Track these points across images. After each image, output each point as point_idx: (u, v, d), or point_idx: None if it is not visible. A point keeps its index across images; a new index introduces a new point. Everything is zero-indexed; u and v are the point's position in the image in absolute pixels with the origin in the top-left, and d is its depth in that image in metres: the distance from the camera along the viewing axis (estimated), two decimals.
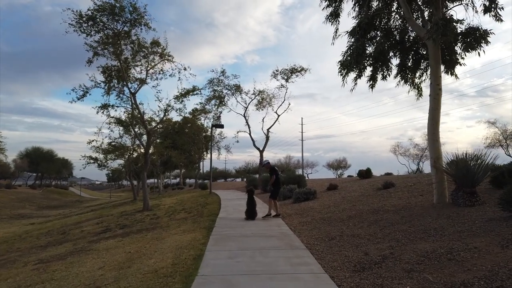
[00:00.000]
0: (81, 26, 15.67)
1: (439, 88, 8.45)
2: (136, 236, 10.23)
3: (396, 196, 10.72)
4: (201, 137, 39.60)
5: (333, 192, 14.88)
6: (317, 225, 8.81)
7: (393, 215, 8.06)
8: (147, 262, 6.46)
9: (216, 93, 28.18)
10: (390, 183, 12.76)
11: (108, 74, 18.37)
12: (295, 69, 27.04)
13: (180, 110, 18.48)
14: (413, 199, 9.64)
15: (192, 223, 10.66)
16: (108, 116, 18.51)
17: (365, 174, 18.98)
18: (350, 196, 12.68)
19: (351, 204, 10.99)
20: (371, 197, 11.56)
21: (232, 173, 74.60)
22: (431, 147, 8.49)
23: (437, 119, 8.43)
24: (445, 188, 8.21)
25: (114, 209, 24.32)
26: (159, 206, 19.36)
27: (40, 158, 71.85)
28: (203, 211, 13.74)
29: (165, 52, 18.66)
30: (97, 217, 19.63)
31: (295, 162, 66.45)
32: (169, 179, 79.72)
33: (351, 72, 9.41)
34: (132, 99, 17.96)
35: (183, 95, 18.38)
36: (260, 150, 28.23)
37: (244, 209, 10.96)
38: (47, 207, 47.79)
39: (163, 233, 9.83)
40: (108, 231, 12.56)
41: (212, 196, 20.97)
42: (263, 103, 28.91)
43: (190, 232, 9.12)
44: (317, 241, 7.12)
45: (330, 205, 11.64)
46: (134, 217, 15.78)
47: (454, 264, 4.53)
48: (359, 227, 7.73)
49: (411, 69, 10.41)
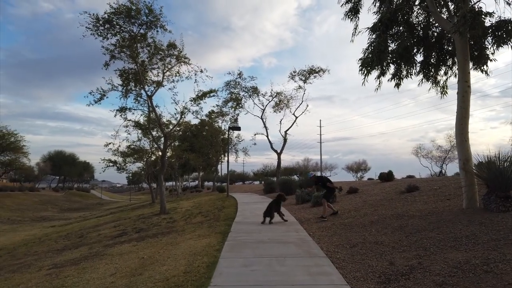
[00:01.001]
0: (97, 29, 15.72)
1: (467, 85, 7.93)
2: (151, 240, 10.02)
3: (421, 200, 10.18)
4: (218, 139, 39.55)
5: (353, 195, 14.37)
6: (337, 230, 8.40)
7: (419, 220, 7.57)
8: (160, 269, 6.20)
9: (233, 95, 28.02)
10: (414, 187, 12.19)
11: (125, 77, 18.42)
12: (313, 70, 26.62)
13: (196, 113, 18.36)
14: (440, 204, 9.10)
15: (208, 228, 10.39)
16: (126, 119, 18.53)
17: (386, 177, 18.32)
18: (371, 200, 12.17)
19: (373, 208, 10.50)
20: (394, 201, 11.03)
21: (250, 175, 74.42)
22: (459, 148, 7.96)
23: (466, 118, 7.90)
24: (475, 192, 7.67)
25: (132, 212, 24.37)
26: (176, 209, 19.22)
27: (63, 162, 73.35)
28: (219, 215, 13.47)
29: (181, 55, 18.56)
30: (115, 220, 19.64)
31: (313, 165, 65.86)
32: (188, 182, 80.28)
33: (373, 70, 8.96)
34: (148, 102, 17.91)
35: (199, 97, 18.22)
36: (278, 152, 27.88)
37: (261, 213, 10.63)
38: (69, 209, 48.64)
39: (178, 237, 9.59)
40: (124, 235, 12.43)
41: (229, 199, 20.72)
42: (281, 105, 28.58)
43: (205, 237, 8.85)
44: (337, 248, 6.72)
45: (351, 209, 11.17)
46: (151, 220, 15.65)
47: (492, 277, 4.07)
48: (382, 233, 7.28)
49: (435, 66, 9.88)
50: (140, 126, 24.12)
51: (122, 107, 18.33)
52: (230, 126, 26.25)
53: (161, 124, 18.29)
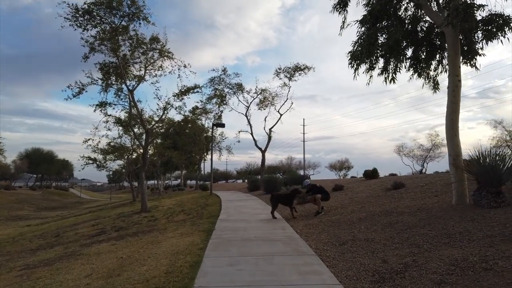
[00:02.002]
0: (77, 20, 15.07)
1: (458, 79, 7.79)
2: (131, 239, 9.58)
3: (409, 197, 10.05)
4: (202, 137, 38.98)
5: (339, 193, 14.21)
6: (325, 228, 8.15)
7: (409, 217, 7.39)
8: (139, 269, 5.80)
9: (217, 91, 27.57)
10: (400, 184, 12.08)
11: (105, 71, 17.79)
12: (298, 67, 26.41)
13: (180, 108, 17.86)
14: (428, 200, 8.97)
15: (191, 226, 10.01)
16: (106, 115, 17.88)
17: (371, 175, 18.28)
18: (358, 197, 12.01)
19: (360, 205, 10.32)
20: (381, 198, 10.88)
21: (234, 174, 73.90)
22: (450, 144, 7.81)
23: (456, 113, 7.77)
24: (465, 187, 7.54)
25: (112, 210, 23.67)
26: (158, 207, 18.71)
27: (40, 159, 71.23)
28: (203, 212, 13.09)
29: (164, 49, 18.04)
30: (94, 219, 18.97)
31: (297, 163, 65.82)
32: (170, 180, 79.15)
33: (362, 63, 8.75)
34: (130, 97, 17.33)
35: (183, 92, 17.74)
36: (262, 150, 27.60)
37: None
38: (46, 208, 47.21)
39: (160, 236, 9.18)
40: (102, 234, 11.91)
41: (213, 197, 20.31)
42: (265, 102, 28.29)
43: (188, 235, 8.47)
44: (326, 246, 6.46)
45: (338, 206, 10.97)
46: (131, 219, 15.13)
47: (492, 275, 3.86)
48: (372, 230, 7.06)
49: (425, 61, 9.74)
50: (121, 122, 23.45)
51: (102, 102, 17.68)
52: (214, 123, 25.81)
53: (143, 120, 17.73)
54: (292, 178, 19.19)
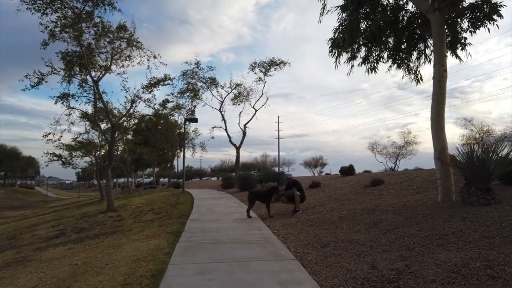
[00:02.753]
0: (34, 2, 13.83)
1: (444, 69, 7.36)
2: (90, 242, 8.68)
3: (389, 194, 9.63)
4: (174, 134, 37.80)
5: (316, 190, 13.71)
6: (304, 227, 7.56)
7: (394, 216, 6.90)
8: (93, 280, 5.00)
9: (190, 86, 26.60)
10: (379, 180, 11.71)
11: (68, 60, 16.58)
12: (274, 62, 25.84)
13: (149, 101, 16.83)
14: (410, 197, 8.54)
15: (158, 227, 9.20)
16: (68, 107, 16.63)
17: (347, 171, 17.94)
18: (336, 194, 11.53)
19: (340, 203, 9.82)
20: (361, 195, 10.43)
21: (208, 171, 72.78)
22: (435, 137, 7.37)
23: (442, 105, 7.33)
24: (451, 184, 7.13)
25: (78, 210, 22.35)
26: (126, 206, 17.68)
27: (3, 156, 67.60)
28: (172, 212, 12.27)
29: (132, 38, 17.00)
30: (56, 219, 17.73)
31: (272, 161, 65.56)
32: (142, 178, 77.10)
33: (344, 51, 8.19)
34: (94, 88, 16.18)
35: (152, 85, 16.74)
36: (237, 146, 26.91)
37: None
38: (9, 207, 44.80)
39: (123, 238, 8.33)
40: (61, 236, 10.90)
41: (185, 195, 19.43)
42: (240, 98, 27.59)
43: (154, 237, 7.68)
44: (307, 248, 5.86)
45: (316, 204, 10.44)
46: (96, 219, 14.10)
47: (502, 284, 3.34)
48: (355, 230, 6.52)
49: (405, 52, 9.32)
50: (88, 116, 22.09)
51: (64, 94, 16.45)
52: (186, 118, 24.84)
53: (109, 113, 16.58)
54: (267, 175, 18.59)
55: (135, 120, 18.02)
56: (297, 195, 9.64)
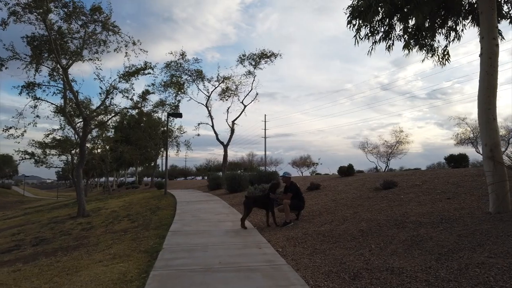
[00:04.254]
0: None
1: (495, 43, 5.80)
2: (44, 261, 6.86)
3: (411, 199, 8.05)
4: (158, 132, 35.86)
5: (316, 193, 12.09)
6: (316, 245, 5.91)
7: (437, 231, 5.30)
8: None
9: (174, 78, 24.68)
10: (391, 182, 10.15)
11: (35, 46, 14.59)
12: (264, 54, 24.16)
13: (126, 92, 14.90)
14: (444, 205, 6.96)
15: (131, 241, 7.40)
16: (34, 98, 14.58)
17: (346, 172, 16.40)
18: (342, 199, 9.93)
19: (352, 210, 8.20)
20: (374, 200, 8.84)
21: (193, 171, 70.73)
22: (485, 130, 5.79)
23: (494, 89, 5.75)
24: (507, 190, 5.56)
25: (49, 213, 20.21)
26: (100, 210, 15.76)
27: None
28: (151, 219, 10.47)
29: (108, 22, 15.09)
30: (21, 225, 15.67)
31: (258, 160, 64.01)
32: (125, 178, 74.57)
33: (364, 24, 6.55)
34: (64, 76, 14.19)
35: (131, 73, 14.83)
36: (224, 144, 25.17)
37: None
38: None
39: (84, 258, 6.53)
40: (15, 249, 9.02)
41: (167, 197, 17.54)
42: (228, 92, 25.84)
43: (123, 258, 5.90)
44: (331, 280, 4.20)
45: (321, 211, 8.81)
46: (63, 226, 12.20)
47: None
48: (390, 252, 4.89)
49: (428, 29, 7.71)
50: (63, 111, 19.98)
51: (30, 83, 14.41)
52: (169, 113, 22.92)
53: (79, 104, 14.57)
54: (259, 175, 16.91)
55: (111, 114, 16.06)
56: (286, 204, 7.97)
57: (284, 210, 8.06)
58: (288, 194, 8.22)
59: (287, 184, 8.54)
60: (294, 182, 8.60)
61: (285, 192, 8.48)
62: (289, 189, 8.38)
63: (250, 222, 8.55)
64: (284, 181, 8.65)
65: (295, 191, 8.30)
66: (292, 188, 8.33)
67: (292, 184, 8.47)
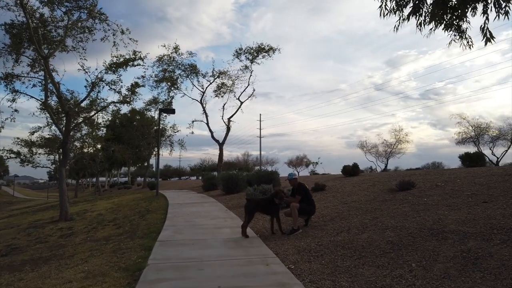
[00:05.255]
0: None
1: None
2: (6, 278, 5.69)
3: (438, 203, 6.96)
4: (151, 131, 34.66)
5: (322, 194, 10.98)
6: (336, 260, 4.80)
7: (492, 244, 4.22)
8: None
9: (167, 73, 23.42)
10: (409, 183, 9.06)
11: (14, 34, 13.38)
12: (262, 48, 23.01)
13: (113, 83, 13.66)
14: (480, 209, 5.86)
15: (111, 254, 6.23)
16: (12, 91, 13.33)
17: (351, 171, 15.34)
18: (354, 202, 8.84)
19: (370, 215, 7.10)
20: (392, 203, 7.75)
21: (187, 171, 69.49)
22: None
23: None
24: None
25: (32, 216, 18.90)
26: (86, 213, 14.54)
27: None
28: (139, 224, 9.30)
29: (95, 9, 13.88)
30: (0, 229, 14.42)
31: (254, 160, 63.03)
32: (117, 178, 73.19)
33: None
34: (44, 66, 12.92)
35: (118, 64, 13.61)
36: (220, 143, 24.01)
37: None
38: None
39: (52, 276, 5.36)
40: None
41: (159, 199, 16.33)
42: (223, 89, 24.66)
43: (96, 279, 4.73)
44: None
45: (334, 216, 7.71)
46: (41, 231, 10.98)
47: None
48: (440, 273, 3.79)
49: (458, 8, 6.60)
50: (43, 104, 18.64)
51: (8, 74, 13.16)
52: (161, 108, 21.65)
53: (61, 97, 13.29)
54: (258, 175, 15.76)
55: (98, 108, 14.81)
56: (294, 208, 6.85)
57: (291, 214, 6.95)
58: (296, 197, 7.10)
59: (294, 186, 7.42)
60: (302, 183, 7.48)
61: (293, 195, 7.35)
62: (297, 191, 7.26)
63: (251, 229, 7.42)
64: (291, 184, 7.51)
65: (304, 193, 7.18)
66: (301, 190, 7.21)
67: (300, 185, 7.35)
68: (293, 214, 6.85)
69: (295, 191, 7.32)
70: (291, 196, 7.35)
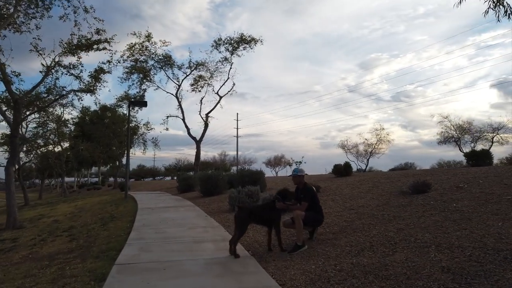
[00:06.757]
0: None
1: None
2: None
3: (477, 211, 5.55)
4: (123, 128, 32.47)
5: (319, 197, 9.44)
6: None
7: None
8: None
9: (139, 64, 21.39)
10: (424, 184, 7.70)
11: None
12: (244, 39, 21.37)
13: (72, 68, 11.70)
14: None
15: (48, 285, 4.47)
16: None
17: (343, 171, 13.99)
18: (362, 207, 7.38)
19: (391, 226, 5.62)
20: (411, 209, 6.32)
21: (162, 171, 66.93)
22: None
23: None
24: None
25: None
26: (41, 219, 12.53)
27: None
28: (97, 235, 7.51)
29: None
30: None
31: (231, 160, 61.36)
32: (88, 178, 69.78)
33: None
34: None
35: (80, 47, 11.66)
36: (197, 140, 22.24)
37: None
38: None
39: None
40: None
41: (128, 202, 14.38)
42: (201, 83, 22.91)
43: None
44: None
45: (344, 226, 6.21)
46: None
47: None
48: None
49: None
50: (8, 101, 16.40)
51: None
52: (131, 101, 19.59)
53: (8, 82, 11.13)
54: (241, 175, 14.12)
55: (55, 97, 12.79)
56: (298, 218, 5.29)
57: (294, 226, 5.40)
58: (302, 204, 5.52)
59: (299, 187, 5.84)
60: (309, 185, 5.91)
61: (297, 198, 5.75)
62: (303, 194, 5.68)
63: (240, 243, 5.80)
64: (295, 182, 5.91)
65: (311, 198, 5.61)
66: (307, 194, 5.62)
67: (306, 187, 5.77)
68: (297, 226, 5.29)
69: (300, 193, 5.74)
70: (294, 201, 5.73)
